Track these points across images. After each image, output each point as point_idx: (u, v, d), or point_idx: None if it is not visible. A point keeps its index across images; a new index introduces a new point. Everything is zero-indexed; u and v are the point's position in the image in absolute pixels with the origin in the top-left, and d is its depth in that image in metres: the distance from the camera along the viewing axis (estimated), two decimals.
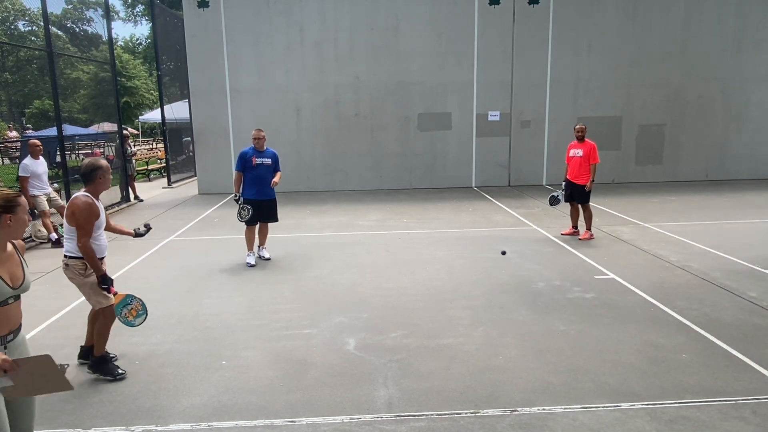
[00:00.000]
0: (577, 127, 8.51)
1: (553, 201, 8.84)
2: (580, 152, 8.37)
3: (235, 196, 7.38)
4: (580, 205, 8.54)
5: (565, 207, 9.13)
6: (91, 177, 4.16)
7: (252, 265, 7.32)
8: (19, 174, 8.60)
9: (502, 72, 14.19)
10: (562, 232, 8.83)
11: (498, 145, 14.53)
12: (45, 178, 8.89)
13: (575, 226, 8.71)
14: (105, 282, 4.19)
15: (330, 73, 14.09)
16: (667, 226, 9.22)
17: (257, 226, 7.54)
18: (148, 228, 4.84)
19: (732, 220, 9.75)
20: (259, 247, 7.72)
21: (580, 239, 8.44)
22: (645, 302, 5.70)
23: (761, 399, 3.75)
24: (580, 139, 8.42)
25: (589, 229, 8.51)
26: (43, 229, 8.86)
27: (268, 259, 7.62)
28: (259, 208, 7.34)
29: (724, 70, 14.40)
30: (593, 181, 8.34)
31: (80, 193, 4.16)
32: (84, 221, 4.06)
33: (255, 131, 7.45)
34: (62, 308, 5.81)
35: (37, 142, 8.86)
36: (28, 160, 8.66)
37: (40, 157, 8.80)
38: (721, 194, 12.51)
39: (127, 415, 3.73)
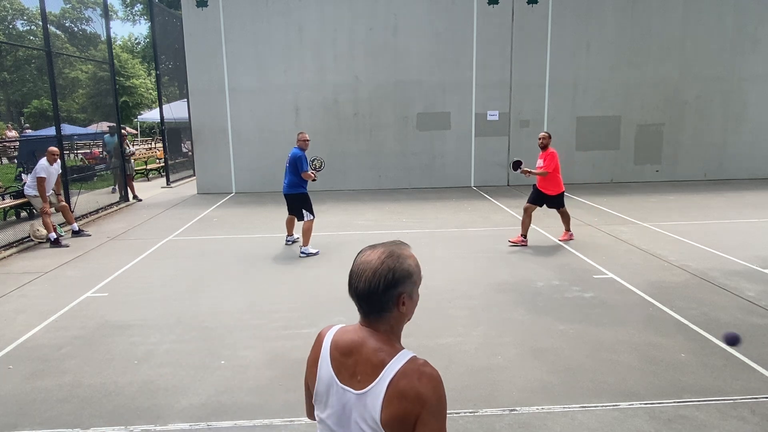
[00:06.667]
0: (540, 135, 8.11)
1: (516, 166, 8.26)
2: (540, 163, 8.06)
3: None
4: (557, 210, 8.35)
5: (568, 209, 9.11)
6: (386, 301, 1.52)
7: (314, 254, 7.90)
8: (39, 175, 8.74)
9: (500, 71, 14.19)
10: (510, 241, 8.23)
11: (497, 145, 14.53)
12: (53, 180, 9.05)
13: (524, 235, 8.13)
14: None
15: (329, 72, 14.08)
16: (665, 225, 9.22)
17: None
18: None
19: (730, 219, 9.76)
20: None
21: (560, 240, 8.40)
22: (643, 302, 5.70)
23: (760, 398, 3.76)
24: (543, 147, 8.04)
25: (568, 230, 8.43)
26: (42, 229, 8.85)
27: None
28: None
29: (722, 70, 14.40)
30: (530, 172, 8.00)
31: (414, 364, 1.51)
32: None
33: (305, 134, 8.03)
34: (60, 308, 5.80)
35: (56, 150, 9.05)
36: (45, 163, 8.81)
37: (54, 164, 8.98)
38: (719, 194, 12.52)
39: (126, 414, 3.73)
